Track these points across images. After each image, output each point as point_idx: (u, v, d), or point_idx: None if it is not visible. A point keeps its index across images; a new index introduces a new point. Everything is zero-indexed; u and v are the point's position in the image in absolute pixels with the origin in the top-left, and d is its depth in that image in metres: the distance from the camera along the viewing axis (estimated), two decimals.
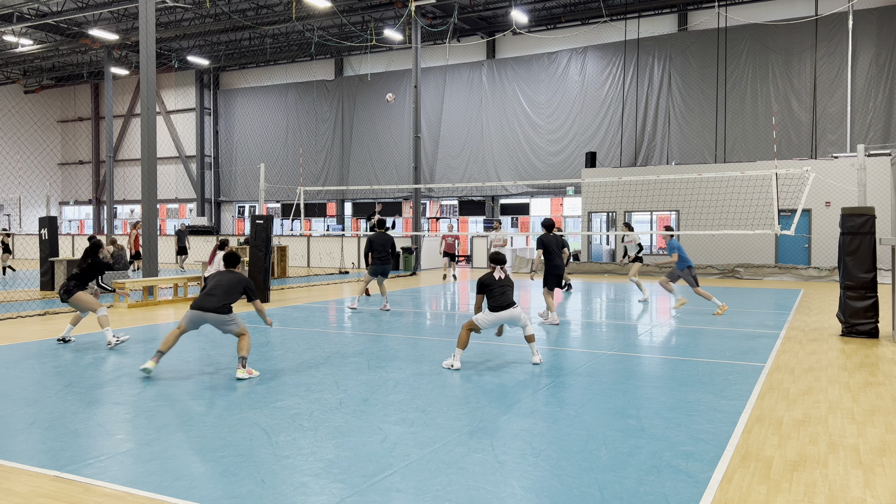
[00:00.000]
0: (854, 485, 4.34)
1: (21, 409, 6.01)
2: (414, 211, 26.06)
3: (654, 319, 12.28)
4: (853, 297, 9.81)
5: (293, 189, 22.54)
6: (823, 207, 20.61)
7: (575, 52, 28.59)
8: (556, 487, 4.24)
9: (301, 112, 35.24)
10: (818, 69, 24.56)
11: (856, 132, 23.85)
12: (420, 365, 7.90)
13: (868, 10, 23.78)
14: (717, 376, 7.31)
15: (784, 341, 9.55)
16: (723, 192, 20.72)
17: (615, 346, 9.28)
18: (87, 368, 7.76)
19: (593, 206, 24.54)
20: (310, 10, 26.66)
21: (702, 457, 4.78)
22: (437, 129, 31.47)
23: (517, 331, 9.05)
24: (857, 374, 7.48)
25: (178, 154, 38.53)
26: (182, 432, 5.36)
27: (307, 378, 7.22)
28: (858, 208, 9.93)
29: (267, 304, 14.29)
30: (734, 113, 25.82)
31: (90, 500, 4.09)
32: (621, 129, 27.59)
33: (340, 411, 5.93)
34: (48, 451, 4.92)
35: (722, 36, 25.86)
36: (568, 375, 7.37)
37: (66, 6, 28.34)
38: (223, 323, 7.45)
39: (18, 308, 13.45)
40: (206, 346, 9.14)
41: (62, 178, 42.78)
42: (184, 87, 38.37)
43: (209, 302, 7.39)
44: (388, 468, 4.56)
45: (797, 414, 5.92)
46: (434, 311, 13.44)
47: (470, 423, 5.56)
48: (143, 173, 14.99)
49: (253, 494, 4.13)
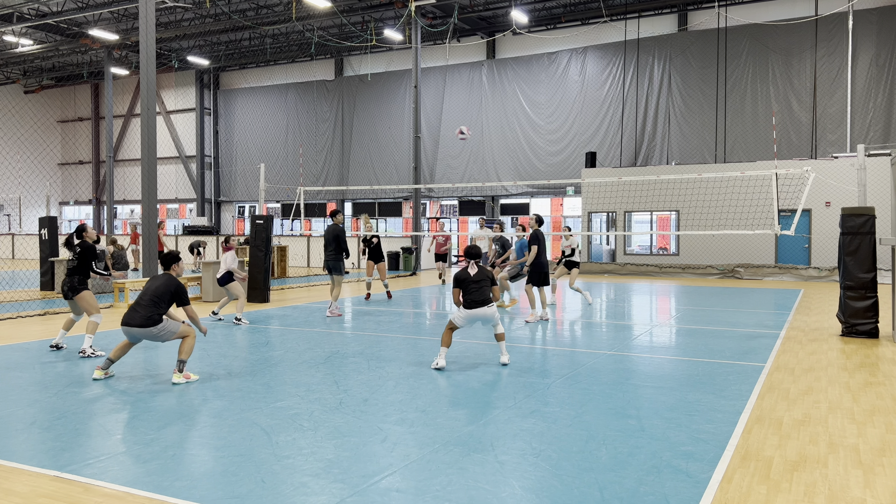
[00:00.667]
0: (854, 485, 4.34)
1: (21, 409, 6.01)
2: (414, 211, 26.06)
3: (653, 319, 12.28)
4: (853, 297, 9.81)
5: (293, 189, 22.55)
6: (823, 207, 20.60)
7: (575, 52, 28.59)
8: (556, 487, 4.24)
9: (301, 112, 35.24)
10: (818, 69, 24.56)
11: (856, 132, 23.85)
12: (420, 365, 7.90)
13: (868, 10, 23.78)
14: (717, 376, 7.31)
15: (784, 341, 9.55)
16: (723, 192, 20.72)
17: (615, 346, 9.28)
18: (87, 369, 7.75)
19: (593, 206, 24.54)
20: (310, 10, 26.66)
21: (702, 457, 4.78)
22: (437, 129, 31.47)
23: (515, 331, 9.04)
24: (857, 375, 7.48)
25: (178, 154, 38.53)
26: (182, 432, 5.36)
27: (307, 378, 7.21)
28: (858, 208, 9.93)
29: (267, 304, 14.29)
30: (734, 113, 25.82)
31: (90, 500, 4.09)
32: (621, 129, 27.59)
33: (340, 411, 5.93)
34: (48, 451, 4.92)
35: (722, 36, 25.86)
36: (568, 375, 7.37)
37: (66, 6, 28.33)
38: (155, 336, 6.98)
39: (18, 308, 13.45)
40: (206, 345, 9.14)
41: (62, 178, 42.77)
42: (184, 87, 38.37)
43: (134, 317, 6.90)
44: (388, 468, 4.56)
45: (797, 414, 5.92)
46: (434, 311, 13.44)
47: (470, 423, 5.56)
48: (143, 173, 14.99)
49: (253, 494, 4.13)
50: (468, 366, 7.86)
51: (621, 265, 23.18)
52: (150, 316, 6.90)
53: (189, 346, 7.02)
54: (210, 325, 11.08)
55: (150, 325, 6.90)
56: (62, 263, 16.60)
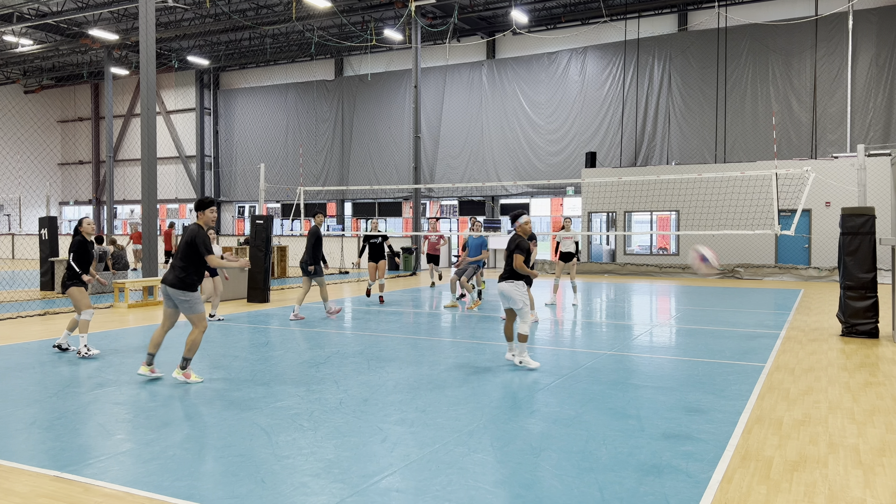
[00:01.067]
0: (854, 485, 4.34)
1: (21, 409, 6.01)
2: (414, 211, 26.06)
3: (653, 319, 12.27)
4: (853, 297, 9.81)
5: (293, 189, 22.54)
6: (823, 207, 20.60)
7: (575, 52, 28.58)
8: (556, 487, 4.24)
9: (301, 112, 35.23)
10: (818, 69, 24.55)
11: (856, 132, 23.84)
12: (420, 365, 7.90)
13: (868, 10, 23.78)
14: (717, 376, 7.31)
15: (784, 341, 9.55)
16: (723, 192, 20.71)
17: (615, 346, 9.28)
18: (87, 369, 7.76)
19: (593, 206, 24.54)
20: (310, 10, 26.66)
21: (702, 457, 4.78)
22: (437, 129, 31.46)
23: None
24: (857, 375, 7.47)
25: (178, 154, 38.52)
26: (182, 432, 5.36)
27: (307, 378, 7.21)
28: (858, 208, 9.93)
29: (267, 304, 14.30)
30: (734, 113, 25.81)
31: (90, 500, 4.09)
32: (621, 129, 27.58)
33: (340, 411, 5.93)
34: (48, 451, 4.92)
35: (722, 36, 25.85)
36: (568, 375, 7.37)
37: (66, 6, 28.33)
38: (181, 302, 6.79)
39: (18, 308, 13.45)
40: (206, 345, 9.13)
41: (62, 178, 42.76)
42: (184, 87, 38.36)
43: (167, 276, 6.81)
44: (388, 468, 4.56)
45: (797, 414, 5.92)
46: (434, 311, 13.43)
47: (470, 423, 5.56)
48: (143, 173, 14.99)
49: (253, 494, 4.13)
50: (468, 366, 7.86)
51: (621, 265, 23.17)
52: (178, 276, 6.71)
53: (194, 340, 6.84)
54: (210, 326, 11.08)
55: (179, 286, 6.70)
56: (62, 263, 16.60)
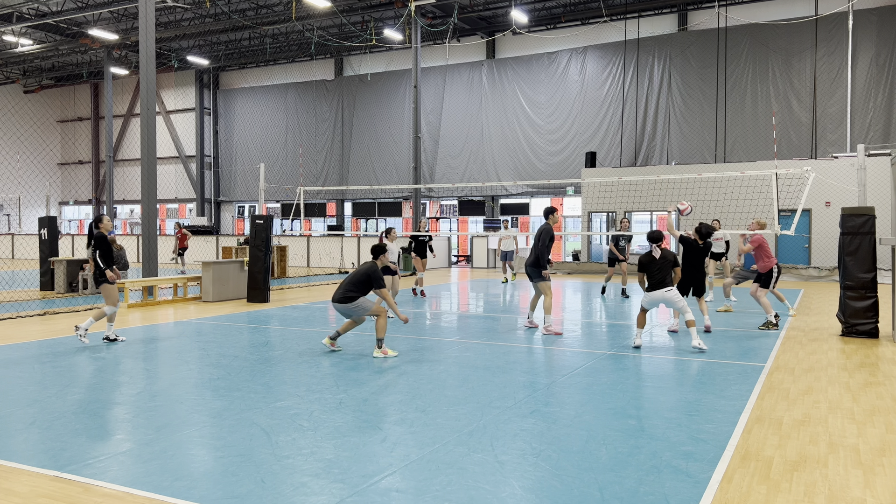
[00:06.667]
0: (854, 485, 4.34)
1: (21, 409, 6.01)
2: (414, 211, 26.05)
3: (653, 319, 12.27)
4: (853, 297, 9.81)
5: (293, 189, 22.54)
6: (823, 207, 20.60)
7: (575, 52, 28.58)
8: (556, 487, 4.24)
9: (301, 112, 35.23)
10: (818, 69, 24.55)
11: (856, 132, 23.84)
12: (420, 365, 7.90)
13: (868, 10, 23.78)
14: (717, 376, 7.31)
15: (784, 341, 9.55)
16: (723, 192, 20.71)
17: (615, 346, 9.28)
18: (87, 368, 7.76)
19: (593, 206, 24.53)
20: (310, 10, 26.66)
21: (702, 457, 4.77)
22: (437, 129, 31.46)
23: (515, 332, 9.03)
24: (857, 374, 7.47)
25: (178, 154, 38.52)
26: (182, 432, 5.36)
27: (307, 378, 7.21)
28: (858, 208, 9.93)
29: (267, 304, 14.28)
30: (734, 113, 25.81)
31: (90, 500, 4.09)
32: (621, 129, 27.58)
33: (340, 411, 5.92)
34: (48, 451, 4.92)
35: (722, 36, 25.85)
36: (568, 375, 7.37)
37: (65, 6, 28.33)
38: (351, 311, 8.24)
39: (18, 308, 13.45)
40: (207, 345, 9.14)
41: (62, 178, 42.76)
42: (184, 87, 38.36)
43: (335, 294, 8.30)
44: (388, 468, 4.56)
45: (797, 414, 5.91)
46: (433, 311, 13.43)
47: (470, 423, 5.56)
48: (143, 173, 14.98)
49: (253, 494, 4.13)
50: (467, 366, 7.86)
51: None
52: (345, 294, 8.20)
53: (381, 325, 8.17)
54: (209, 327, 11.08)
55: (344, 301, 8.19)
56: (62, 263, 16.59)
